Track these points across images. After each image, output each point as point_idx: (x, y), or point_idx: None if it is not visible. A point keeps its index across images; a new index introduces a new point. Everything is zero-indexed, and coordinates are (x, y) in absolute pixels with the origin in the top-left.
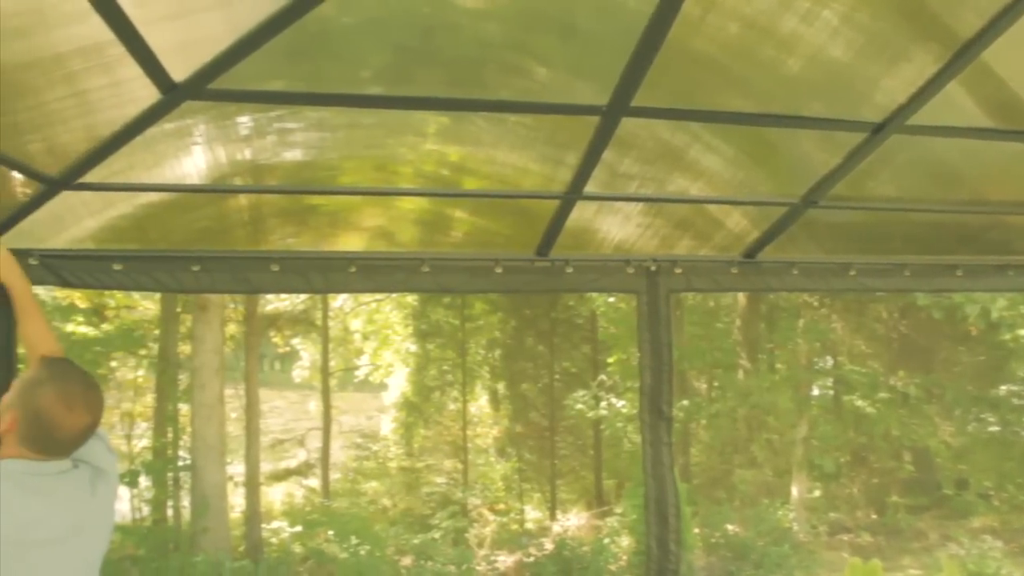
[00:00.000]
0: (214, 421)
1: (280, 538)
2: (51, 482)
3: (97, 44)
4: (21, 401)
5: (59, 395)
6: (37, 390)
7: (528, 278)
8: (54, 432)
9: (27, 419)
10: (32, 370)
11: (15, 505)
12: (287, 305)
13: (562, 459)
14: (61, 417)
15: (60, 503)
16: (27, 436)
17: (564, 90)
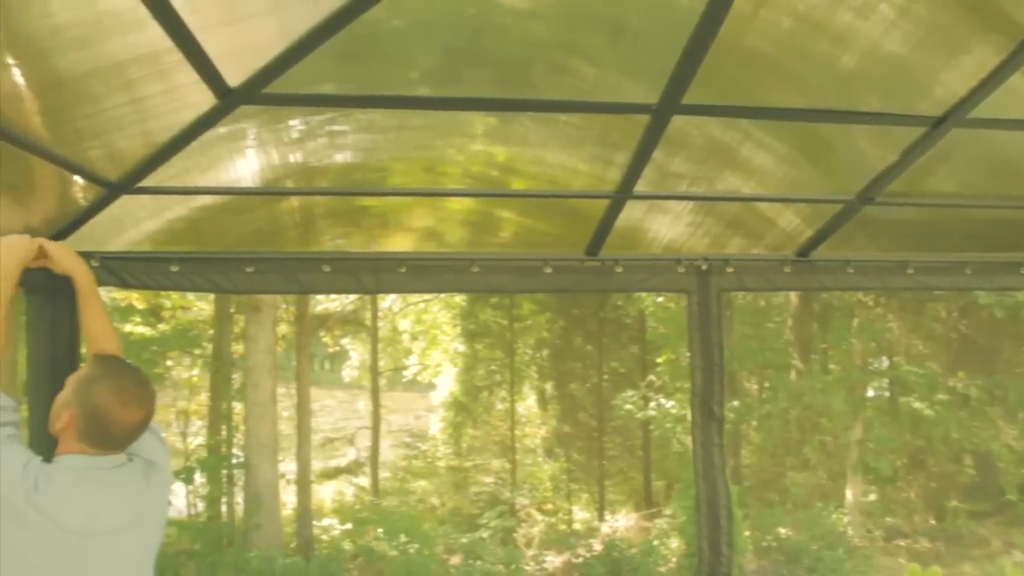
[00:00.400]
0: (267, 420)
1: (330, 535)
2: (109, 475)
3: (154, 52)
4: (77, 399)
5: (113, 391)
6: (92, 387)
7: (578, 278)
8: (110, 427)
9: (84, 416)
10: (85, 368)
11: (77, 498)
12: (337, 306)
13: (610, 460)
14: (116, 412)
15: (118, 495)
16: (85, 432)
17: (613, 89)
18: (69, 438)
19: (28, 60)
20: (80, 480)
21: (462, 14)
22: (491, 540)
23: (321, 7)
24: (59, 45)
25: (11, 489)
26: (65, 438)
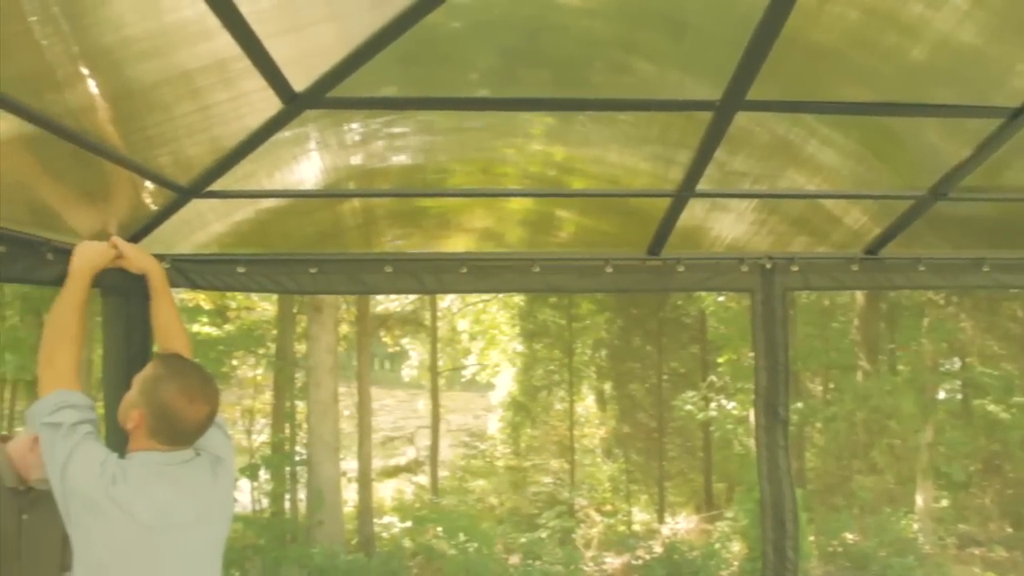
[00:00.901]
0: (328, 418)
1: (391, 533)
2: (178, 470)
3: (220, 61)
4: (145, 398)
5: (179, 389)
6: (159, 386)
7: (639, 277)
8: (178, 424)
9: (153, 414)
10: (150, 368)
11: (150, 492)
12: (397, 306)
13: (670, 461)
14: (183, 410)
15: (187, 490)
16: (155, 429)
17: (673, 86)
18: (140, 436)
19: (102, 71)
20: (152, 475)
21: (520, 14)
22: (550, 540)
23: (381, 12)
24: (130, 56)
25: (91, 484)
26: (136, 436)
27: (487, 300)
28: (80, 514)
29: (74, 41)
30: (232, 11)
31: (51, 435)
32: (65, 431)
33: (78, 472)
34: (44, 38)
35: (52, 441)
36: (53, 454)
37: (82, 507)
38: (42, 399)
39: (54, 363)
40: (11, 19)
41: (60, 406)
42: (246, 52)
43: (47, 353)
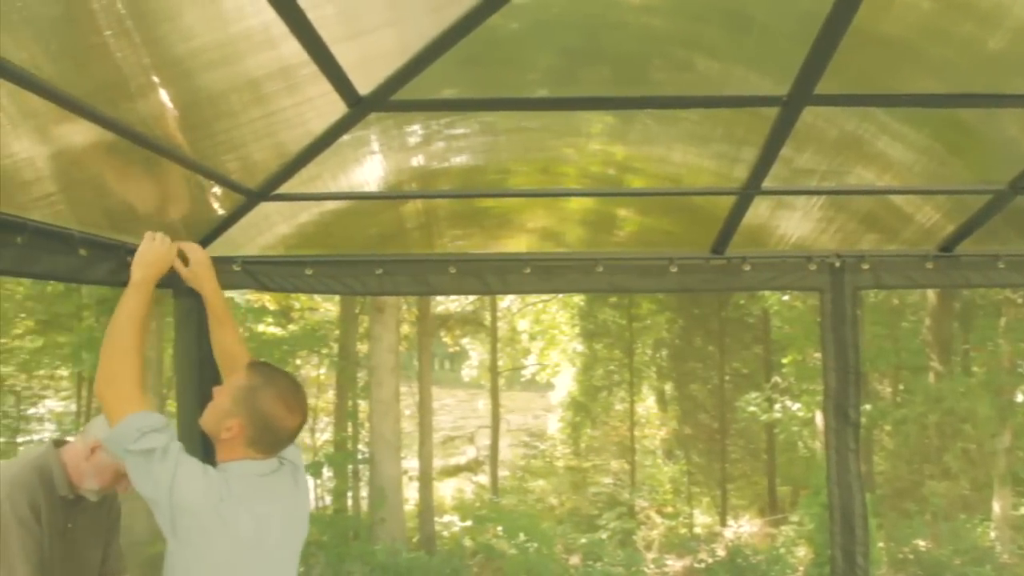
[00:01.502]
0: (390, 417)
1: (451, 531)
2: (270, 481)
3: (284, 67)
4: (244, 408)
5: (278, 397)
6: (257, 395)
7: (703, 277)
8: (278, 433)
9: (253, 424)
10: (242, 377)
11: (251, 505)
12: (457, 306)
13: (733, 463)
14: (284, 419)
15: (279, 502)
16: (254, 439)
17: (737, 83)
18: (237, 445)
19: (172, 80)
20: (251, 488)
21: (579, 13)
22: (610, 541)
23: (443, 16)
24: (199, 66)
25: (199, 501)
26: (232, 445)
27: (547, 300)
28: (189, 531)
29: (146, 53)
30: (301, 18)
31: (144, 462)
32: (160, 455)
33: (185, 490)
34: (118, 51)
35: (147, 467)
36: (154, 478)
37: (191, 524)
38: (118, 426)
39: (117, 381)
40: (88, 33)
41: (143, 431)
42: (313, 57)
43: (109, 370)
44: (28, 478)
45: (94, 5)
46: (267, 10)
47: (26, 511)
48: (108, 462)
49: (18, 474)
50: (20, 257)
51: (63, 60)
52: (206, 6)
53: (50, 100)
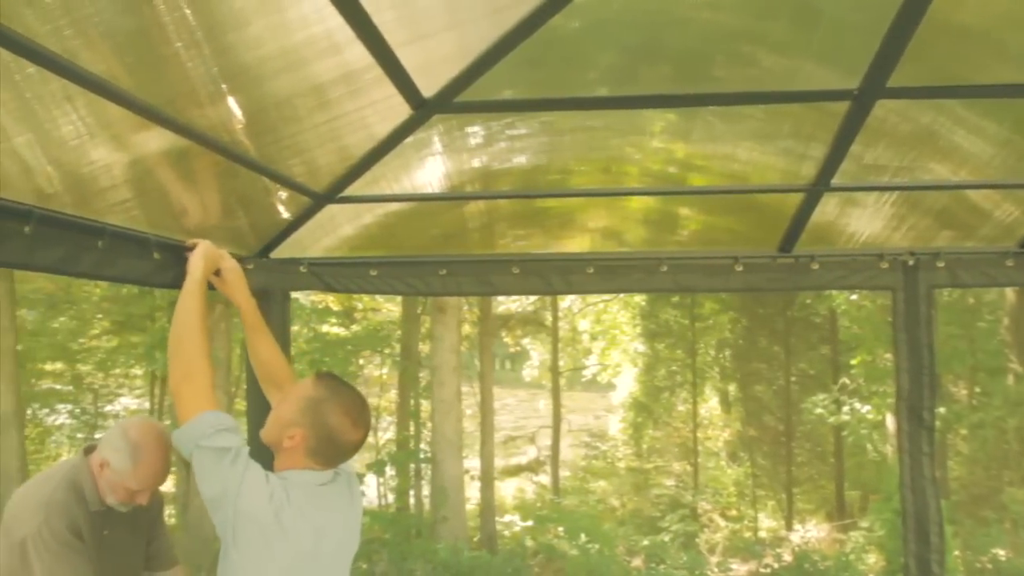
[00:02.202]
0: (452, 417)
1: (512, 531)
2: (327, 491)
3: (348, 73)
4: (309, 419)
5: (344, 411)
6: (322, 407)
7: (770, 276)
8: (342, 446)
9: (317, 435)
10: (308, 388)
11: (309, 515)
12: (517, 306)
13: (799, 466)
14: (349, 433)
15: (336, 513)
16: (315, 450)
17: (804, 77)
18: (297, 455)
19: (240, 88)
20: (310, 498)
21: (640, 10)
22: (672, 544)
23: (505, 17)
24: (265, 73)
25: (262, 509)
26: (292, 455)
27: (608, 300)
28: (249, 539)
29: (215, 62)
30: (367, 23)
31: (214, 460)
32: (232, 457)
33: (251, 497)
34: (189, 60)
35: (216, 466)
36: (222, 480)
37: (253, 532)
38: (193, 421)
39: (192, 379)
40: (160, 44)
41: (217, 429)
42: (379, 61)
43: (182, 368)
44: (63, 499)
45: (166, 18)
46: (330, 18)
47: (67, 534)
48: (117, 479)
49: (52, 496)
50: (100, 260)
51: (139, 71)
52: (272, 15)
53: (129, 109)
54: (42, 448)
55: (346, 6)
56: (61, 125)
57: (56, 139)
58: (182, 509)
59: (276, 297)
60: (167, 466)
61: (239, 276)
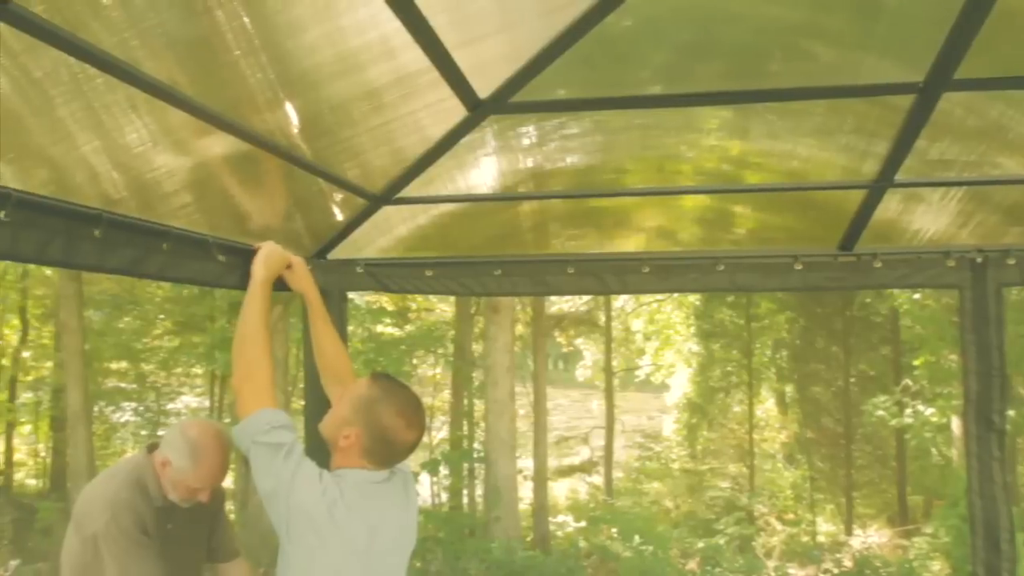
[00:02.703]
0: (505, 417)
1: (565, 532)
2: (382, 490)
3: (403, 77)
4: (363, 419)
5: (399, 412)
6: (377, 407)
7: (830, 275)
8: (395, 447)
9: (372, 435)
10: (363, 388)
11: (363, 513)
12: (570, 306)
13: (859, 469)
14: (402, 433)
15: (390, 511)
16: (370, 450)
17: (865, 71)
18: (352, 454)
19: (297, 93)
20: (364, 496)
21: (692, 6)
22: (728, 547)
23: (555, 19)
24: (322, 79)
25: (314, 505)
26: (347, 454)
27: (661, 299)
28: (303, 535)
29: (272, 69)
30: (424, 26)
31: (269, 455)
32: (285, 453)
33: (303, 492)
34: (248, 67)
35: (270, 462)
36: (275, 474)
37: (306, 527)
38: (250, 418)
39: (253, 378)
40: (221, 52)
41: (273, 425)
42: (435, 63)
43: (245, 367)
44: (128, 495)
45: (225, 27)
46: (385, 23)
47: (134, 530)
48: (178, 478)
49: (118, 493)
50: (165, 263)
51: (200, 78)
52: (327, 22)
53: (193, 115)
54: (108, 444)
55: (404, 10)
56: (126, 133)
57: (121, 146)
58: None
59: (333, 297)
60: (226, 465)
61: (306, 271)
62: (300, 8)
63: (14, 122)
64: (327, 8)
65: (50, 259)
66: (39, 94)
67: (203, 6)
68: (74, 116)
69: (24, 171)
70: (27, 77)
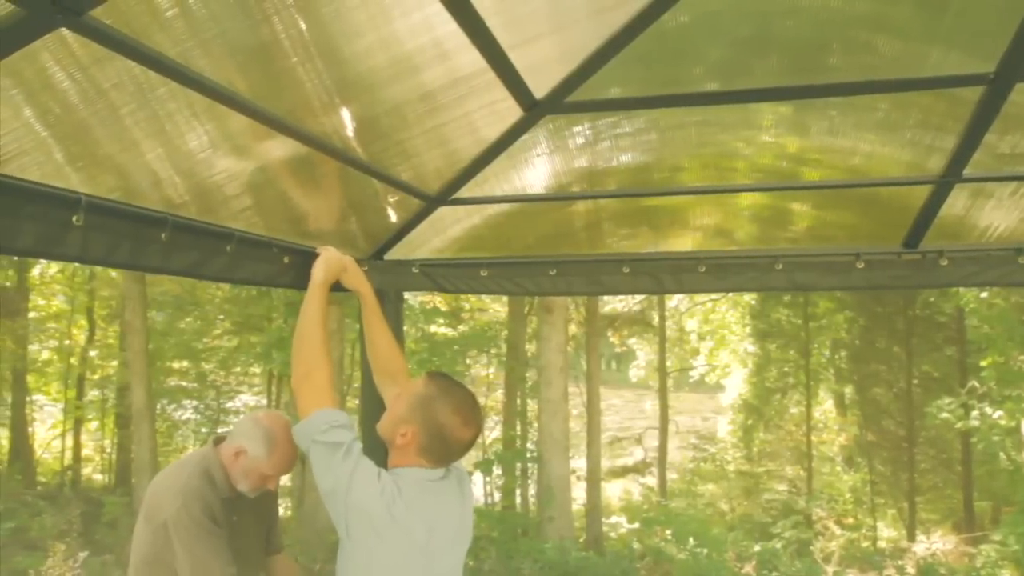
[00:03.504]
0: (559, 417)
1: (618, 533)
2: (438, 487)
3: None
4: (420, 417)
5: (455, 410)
6: (434, 405)
7: (894, 273)
8: (452, 445)
9: (428, 433)
10: (420, 386)
11: (420, 510)
12: (623, 306)
13: (922, 474)
14: (459, 431)
15: (446, 508)
16: (426, 448)
17: (929, 64)
18: (409, 453)
19: (353, 97)
20: (421, 492)
21: (750, 1)
22: (785, 551)
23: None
24: (377, 83)
25: (373, 503)
26: (404, 452)
27: (716, 299)
28: (362, 532)
29: (328, 74)
30: (482, 28)
31: (328, 454)
32: (344, 452)
33: (361, 491)
34: (304, 73)
35: (329, 461)
36: (334, 473)
37: (365, 525)
38: (310, 418)
39: (312, 377)
40: (279, 58)
41: (331, 425)
42: (491, 65)
43: (304, 367)
44: (197, 485)
45: (282, 35)
46: (439, 26)
47: (203, 518)
48: (252, 466)
49: (188, 483)
50: (228, 264)
51: (259, 84)
52: (381, 28)
53: (255, 119)
54: (170, 441)
55: (460, 12)
56: (188, 139)
57: (184, 152)
58: (298, 502)
59: (389, 297)
60: (296, 453)
61: (359, 270)
62: (355, 14)
63: (84, 131)
64: (381, 13)
65: (118, 261)
66: (106, 104)
67: (261, 15)
68: (139, 124)
69: (92, 178)
70: (96, 88)
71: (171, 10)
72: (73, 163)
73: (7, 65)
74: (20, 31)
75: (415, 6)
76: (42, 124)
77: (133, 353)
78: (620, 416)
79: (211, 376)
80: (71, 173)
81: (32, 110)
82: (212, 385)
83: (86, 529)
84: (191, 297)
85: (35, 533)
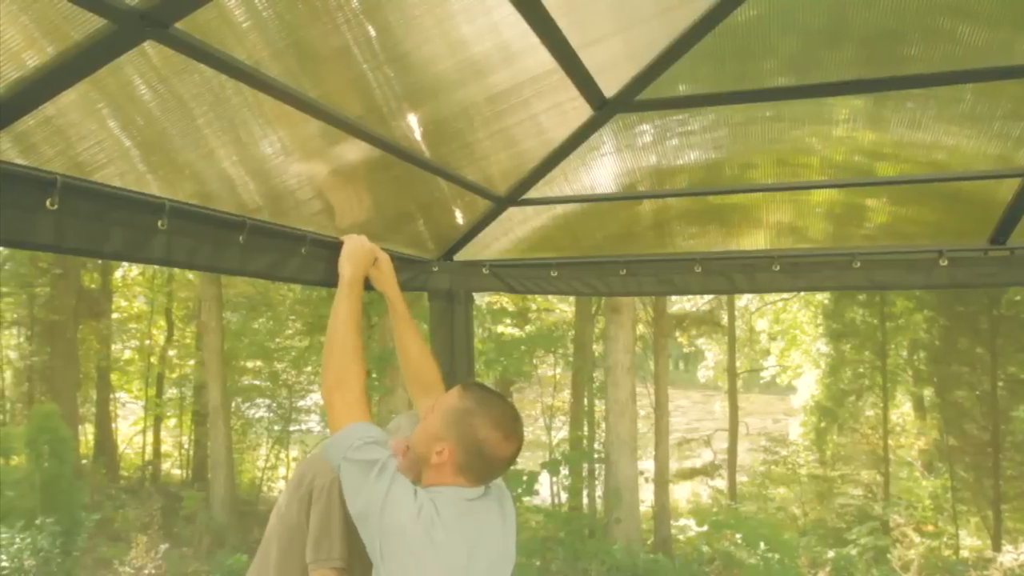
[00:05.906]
0: (626, 418)
1: (686, 536)
2: (477, 507)
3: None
4: (456, 433)
5: (495, 424)
6: (471, 420)
7: (980, 271)
8: (493, 461)
9: (467, 450)
10: (455, 399)
11: (459, 532)
12: (692, 306)
13: (1008, 480)
14: (499, 447)
15: (486, 530)
16: (465, 466)
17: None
18: (445, 471)
19: (421, 102)
20: (461, 512)
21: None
22: (860, 559)
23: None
24: (444, 87)
25: (409, 524)
26: (441, 471)
27: (787, 298)
28: (398, 557)
29: (397, 81)
30: (552, 28)
31: (361, 474)
32: (378, 471)
33: (397, 512)
34: (374, 79)
35: (362, 480)
36: (367, 494)
37: (401, 549)
38: (341, 433)
39: (344, 386)
40: (350, 67)
41: (365, 441)
42: (561, 65)
43: (336, 373)
44: None
45: (353, 45)
46: (505, 30)
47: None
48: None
49: None
50: (302, 266)
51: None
52: (449, 33)
53: (331, 124)
54: (244, 438)
55: (531, 12)
56: (262, 146)
57: (257, 158)
58: None
59: (460, 298)
60: None
61: (392, 269)
62: (422, 20)
63: (164, 140)
64: (449, 19)
65: (199, 264)
66: (184, 114)
67: (332, 24)
68: (215, 132)
69: (171, 184)
70: (175, 98)
71: (246, 22)
72: (154, 171)
73: (95, 80)
74: (110, 45)
75: (480, 11)
76: (126, 134)
77: (209, 353)
78: (688, 417)
79: (283, 375)
80: (152, 180)
81: (117, 121)
82: (284, 384)
83: (166, 522)
84: (264, 298)
85: (119, 525)
